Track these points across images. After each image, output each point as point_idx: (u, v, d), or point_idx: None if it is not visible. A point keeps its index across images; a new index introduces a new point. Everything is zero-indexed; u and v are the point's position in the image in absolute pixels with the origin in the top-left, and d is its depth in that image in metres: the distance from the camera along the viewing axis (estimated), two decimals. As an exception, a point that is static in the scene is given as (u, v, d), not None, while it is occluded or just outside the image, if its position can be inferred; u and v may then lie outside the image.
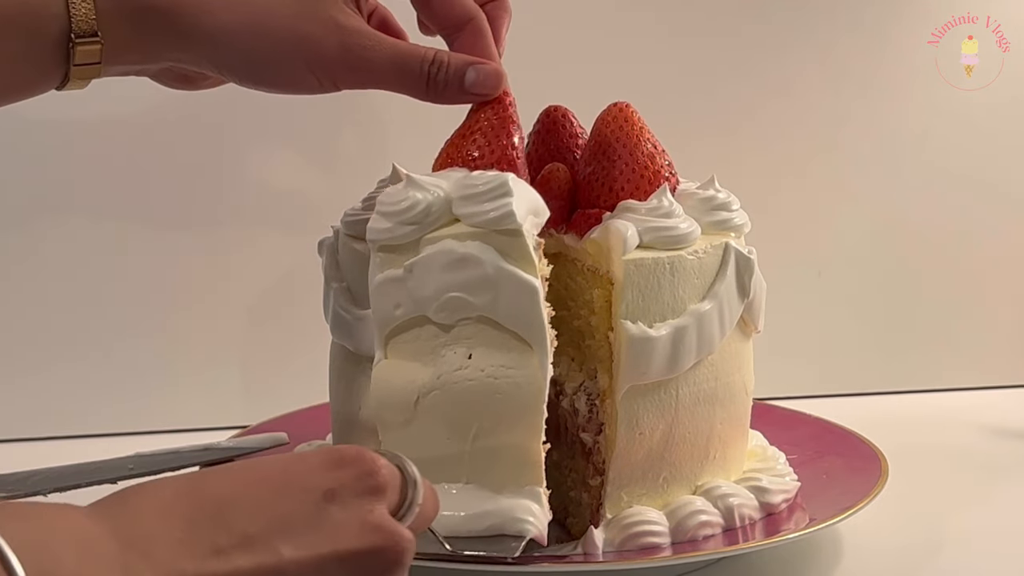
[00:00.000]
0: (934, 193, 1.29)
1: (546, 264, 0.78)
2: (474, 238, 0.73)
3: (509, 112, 0.81)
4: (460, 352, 0.74)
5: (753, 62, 1.25)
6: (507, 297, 0.73)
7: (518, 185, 0.75)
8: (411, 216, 0.75)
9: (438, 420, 0.74)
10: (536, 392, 0.73)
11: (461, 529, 0.72)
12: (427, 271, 0.74)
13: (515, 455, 0.74)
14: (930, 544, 0.88)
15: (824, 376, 1.28)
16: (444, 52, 0.81)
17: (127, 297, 1.18)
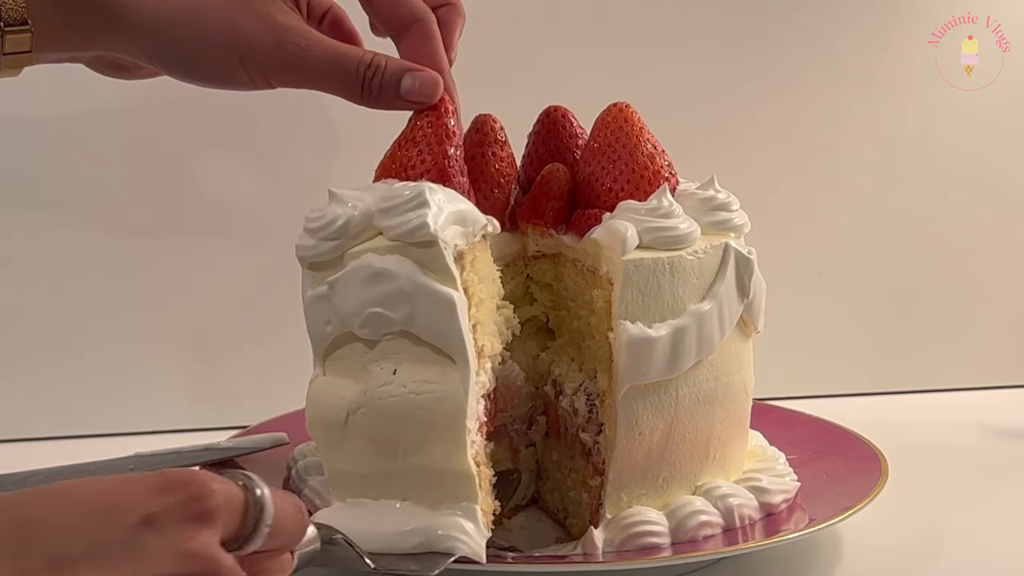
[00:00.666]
0: (934, 193, 1.29)
1: (498, 273, 0.78)
2: (393, 251, 0.72)
3: (443, 121, 0.79)
4: (386, 368, 0.73)
5: (753, 62, 1.25)
6: (424, 311, 0.72)
7: (440, 195, 0.74)
8: (331, 232, 0.74)
9: (367, 437, 0.74)
10: (457, 407, 0.72)
11: (392, 546, 0.71)
12: (348, 287, 0.74)
13: (444, 472, 0.72)
14: (930, 544, 0.88)
15: (824, 376, 1.28)
16: (383, 56, 0.80)
17: (127, 297, 1.18)
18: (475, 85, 1.18)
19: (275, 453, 0.97)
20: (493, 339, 0.79)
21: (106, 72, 0.85)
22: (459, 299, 0.72)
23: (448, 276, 0.72)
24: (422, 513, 0.72)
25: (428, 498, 0.73)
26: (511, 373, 0.85)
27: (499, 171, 0.89)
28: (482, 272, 0.78)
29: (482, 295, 0.77)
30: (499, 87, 1.18)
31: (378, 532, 0.71)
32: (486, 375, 0.77)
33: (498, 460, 0.91)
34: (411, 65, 0.80)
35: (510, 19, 1.21)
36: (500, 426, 0.91)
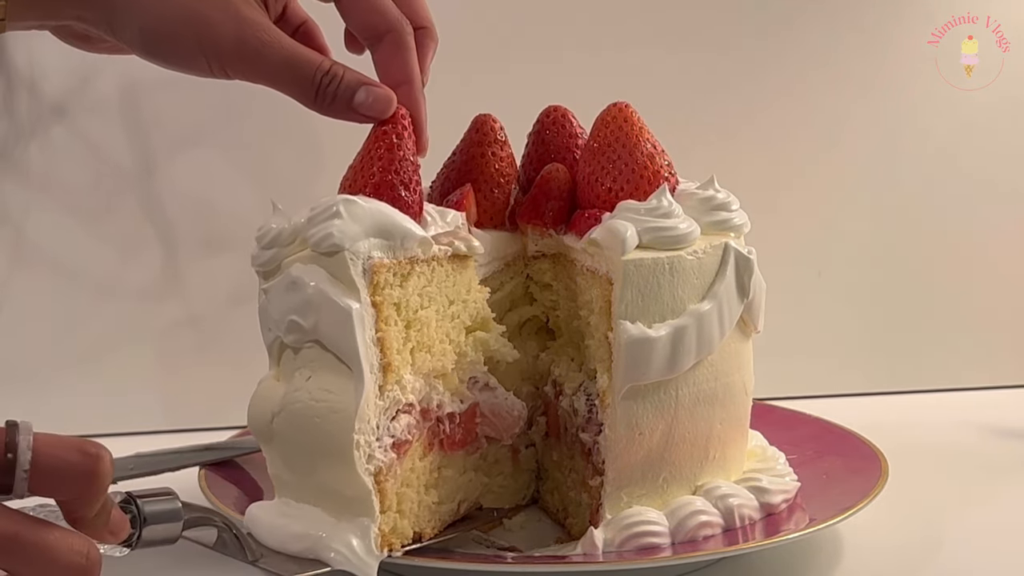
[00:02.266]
0: (934, 193, 1.29)
1: (480, 295, 0.79)
2: (312, 261, 0.74)
3: (390, 136, 0.79)
4: (303, 374, 0.74)
5: (753, 62, 1.25)
6: (326, 321, 0.73)
7: (364, 207, 0.74)
8: (267, 242, 0.77)
9: (282, 439, 0.75)
10: (346, 419, 0.72)
11: (283, 546, 0.73)
12: (275, 295, 0.76)
13: (338, 483, 0.73)
14: (930, 544, 0.88)
15: (824, 376, 1.28)
16: (342, 66, 0.81)
17: (127, 297, 1.18)
18: (475, 85, 1.19)
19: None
20: (441, 359, 0.78)
21: (71, 42, 0.86)
22: (357, 311, 0.72)
23: (352, 287, 0.72)
24: (323, 521, 0.73)
25: (333, 507, 0.74)
26: (500, 400, 0.84)
27: (499, 171, 0.89)
28: (430, 291, 0.77)
29: (425, 314, 0.77)
30: (499, 87, 1.18)
31: (280, 531, 0.74)
32: (403, 391, 0.75)
33: (498, 460, 0.91)
34: (368, 80, 0.80)
35: (510, 19, 1.21)
36: (500, 426, 0.91)
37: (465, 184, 0.88)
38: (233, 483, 0.92)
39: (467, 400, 0.81)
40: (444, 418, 0.79)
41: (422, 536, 0.78)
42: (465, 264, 0.80)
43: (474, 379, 0.82)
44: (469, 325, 0.81)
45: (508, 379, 0.91)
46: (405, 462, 0.76)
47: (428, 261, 0.77)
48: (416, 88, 0.82)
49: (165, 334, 1.19)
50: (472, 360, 0.81)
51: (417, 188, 0.79)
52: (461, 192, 0.87)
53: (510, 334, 0.91)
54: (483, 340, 0.82)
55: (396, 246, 0.75)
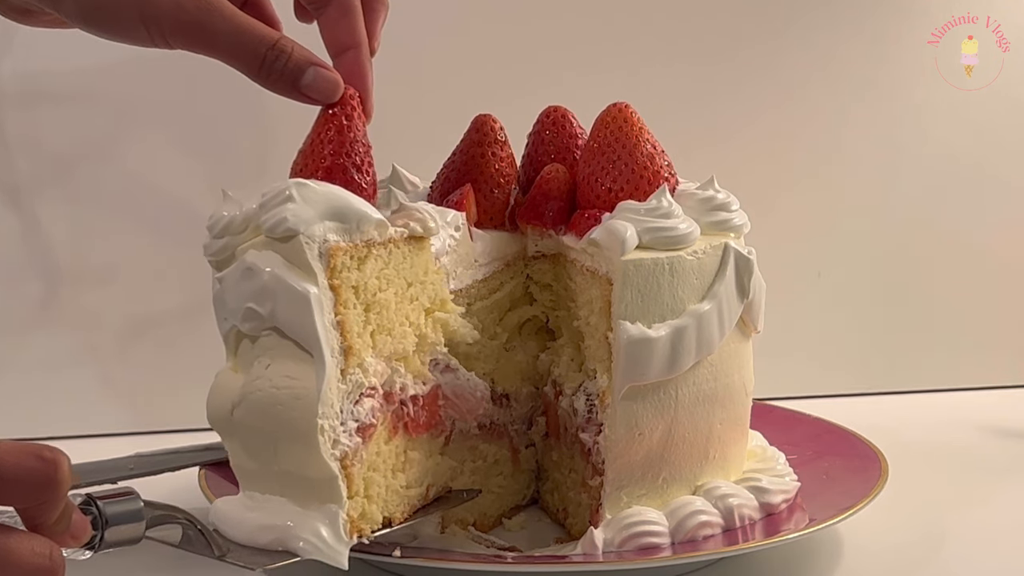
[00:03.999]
0: (934, 193, 1.29)
1: (440, 277, 0.78)
2: (267, 247, 0.73)
3: (339, 118, 0.78)
4: (262, 363, 0.73)
5: (753, 62, 1.25)
6: (283, 306, 0.71)
7: (317, 190, 0.73)
8: (218, 230, 0.76)
9: (244, 430, 0.74)
10: (310, 404, 0.70)
11: (250, 539, 0.72)
12: (231, 283, 0.75)
13: (304, 470, 0.72)
14: (930, 544, 0.88)
15: (824, 376, 1.28)
16: (291, 42, 0.78)
17: (127, 298, 1.18)
18: (475, 85, 1.19)
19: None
20: (402, 341, 0.77)
21: (11, 16, 0.84)
22: (316, 296, 0.70)
23: (308, 272, 0.71)
24: (290, 511, 0.72)
25: (300, 496, 0.72)
26: (462, 381, 0.84)
27: (499, 171, 0.89)
28: (388, 273, 0.76)
29: (384, 297, 0.76)
30: (499, 87, 1.18)
31: (247, 524, 0.72)
32: (365, 374, 0.74)
33: (499, 460, 0.91)
34: (318, 60, 0.78)
35: (511, 19, 1.21)
36: (500, 426, 0.91)
37: (465, 184, 0.88)
38: (233, 483, 0.92)
39: (429, 382, 0.81)
40: (408, 401, 0.78)
41: (392, 521, 0.77)
42: (422, 245, 0.79)
43: (435, 361, 0.81)
44: (428, 306, 0.80)
45: (508, 379, 0.91)
46: (371, 446, 0.75)
47: (385, 243, 0.76)
48: (363, 52, 0.80)
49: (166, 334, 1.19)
50: (433, 341, 0.80)
51: (370, 170, 0.78)
52: (461, 192, 0.87)
53: (510, 334, 0.91)
54: (443, 321, 0.81)
55: (352, 229, 0.74)
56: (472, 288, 0.87)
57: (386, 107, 1.19)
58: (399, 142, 1.16)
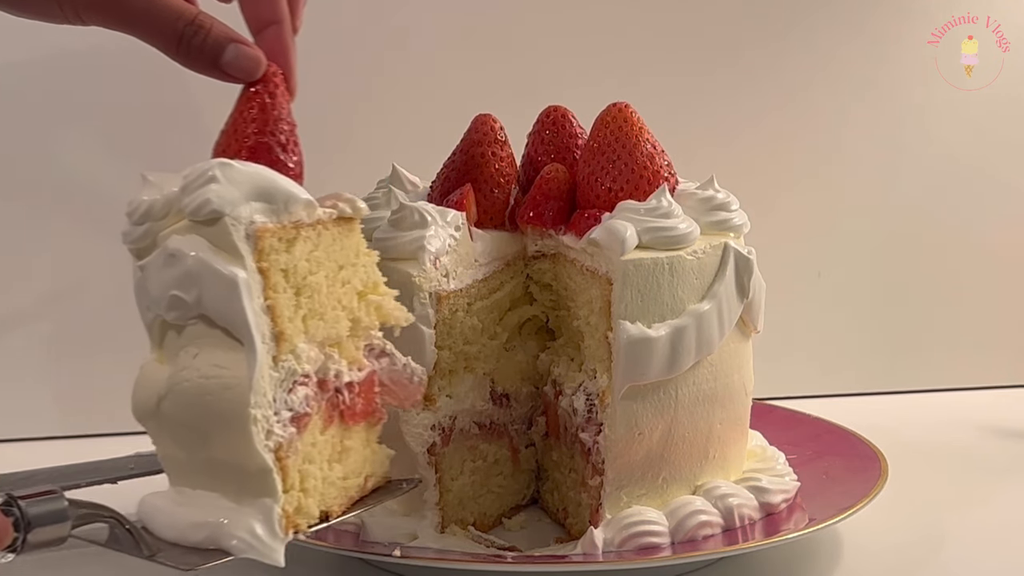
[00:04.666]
0: (934, 193, 1.29)
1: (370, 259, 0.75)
2: (190, 231, 0.69)
3: (262, 96, 0.75)
4: (190, 353, 0.70)
5: (752, 62, 1.25)
6: (210, 292, 0.68)
7: (241, 170, 0.70)
8: (139, 216, 0.71)
9: (172, 423, 0.70)
10: (242, 394, 0.67)
11: (182, 537, 0.68)
12: (153, 271, 0.71)
13: (237, 463, 0.68)
14: (929, 543, 0.88)
15: (824, 376, 1.28)
16: (209, 18, 0.74)
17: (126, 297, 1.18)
18: (475, 85, 1.19)
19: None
20: (335, 326, 0.74)
21: None
22: (244, 279, 0.67)
23: (235, 254, 0.68)
24: (222, 507, 0.69)
25: (232, 490, 0.69)
26: (399, 367, 0.79)
27: (499, 171, 0.89)
28: (318, 256, 0.73)
29: (315, 280, 0.73)
30: (499, 87, 1.18)
31: (178, 522, 0.69)
32: (298, 361, 0.71)
33: (499, 460, 0.91)
34: (238, 36, 0.75)
35: (511, 19, 1.21)
36: (500, 426, 0.91)
37: (465, 184, 0.88)
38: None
39: (365, 368, 0.77)
40: (343, 388, 0.75)
41: (329, 515, 0.74)
42: (351, 227, 0.76)
43: (370, 346, 0.78)
44: (361, 290, 0.77)
45: (508, 379, 0.91)
46: (306, 437, 0.72)
47: (313, 225, 0.73)
48: (285, 28, 0.78)
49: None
50: (367, 326, 0.77)
51: (296, 149, 0.75)
52: (461, 192, 0.87)
53: (510, 334, 0.91)
54: (377, 304, 0.78)
55: (279, 209, 0.71)
56: (472, 288, 0.87)
57: (386, 107, 1.19)
58: (399, 142, 1.16)
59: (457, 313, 0.86)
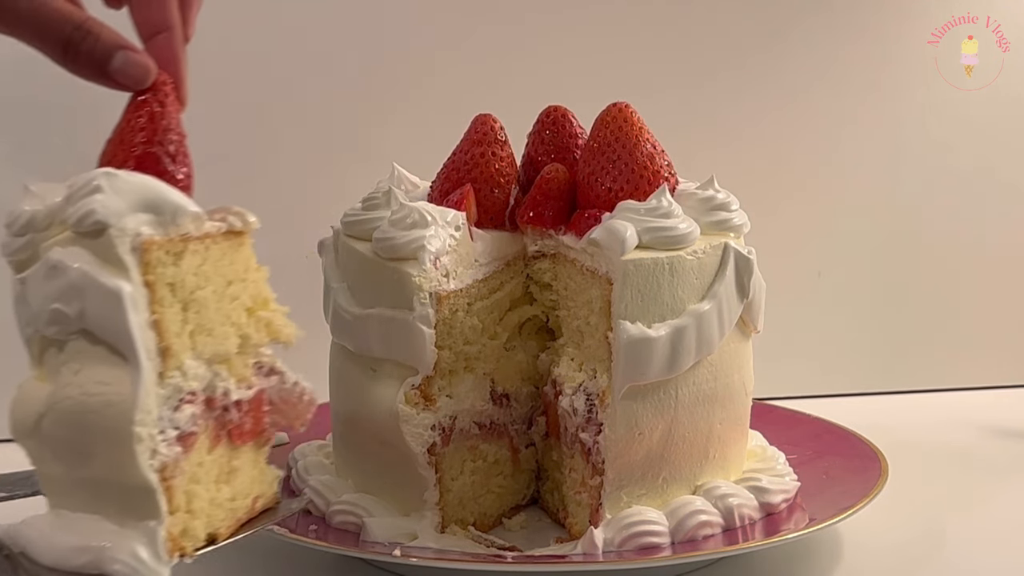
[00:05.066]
0: (934, 193, 1.29)
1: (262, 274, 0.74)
2: (74, 243, 0.67)
3: (151, 105, 0.72)
4: (72, 369, 0.67)
5: (753, 63, 1.25)
6: (93, 306, 0.65)
7: (127, 181, 0.67)
8: (18, 228, 0.69)
9: (53, 442, 0.68)
10: (125, 411, 0.65)
11: (63, 561, 0.66)
12: (34, 284, 0.68)
13: (121, 484, 0.66)
14: (930, 543, 0.88)
15: (824, 376, 1.28)
16: (98, 23, 0.72)
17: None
18: (475, 85, 1.19)
19: (275, 453, 0.96)
20: (223, 342, 0.73)
21: None
22: (128, 293, 0.65)
23: (120, 267, 0.65)
24: (105, 530, 0.66)
25: (115, 512, 0.67)
26: (288, 385, 0.77)
27: (499, 171, 0.89)
28: (206, 270, 0.71)
29: (203, 295, 0.71)
30: (499, 87, 1.18)
31: (58, 545, 0.66)
32: (185, 378, 0.69)
33: (499, 460, 0.91)
34: (128, 44, 0.72)
35: (511, 19, 1.21)
36: (500, 426, 0.91)
37: (465, 184, 0.88)
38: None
39: (254, 387, 0.75)
40: (231, 406, 0.73)
41: (216, 537, 0.72)
42: (242, 241, 0.74)
43: (260, 364, 0.76)
44: (250, 306, 0.75)
45: (508, 379, 0.91)
46: (192, 456, 0.69)
47: (202, 238, 0.71)
48: (176, 36, 0.75)
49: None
50: (256, 343, 0.75)
51: (185, 160, 0.72)
52: (461, 192, 0.87)
53: (510, 334, 0.91)
54: (267, 321, 0.76)
55: (167, 222, 0.68)
56: (472, 288, 0.87)
57: (386, 107, 1.19)
58: (399, 142, 1.16)
59: (457, 313, 0.86)
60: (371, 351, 0.85)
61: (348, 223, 0.89)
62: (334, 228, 0.91)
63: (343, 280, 0.88)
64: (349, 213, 0.90)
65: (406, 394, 0.83)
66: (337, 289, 0.88)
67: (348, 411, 0.88)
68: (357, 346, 0.86)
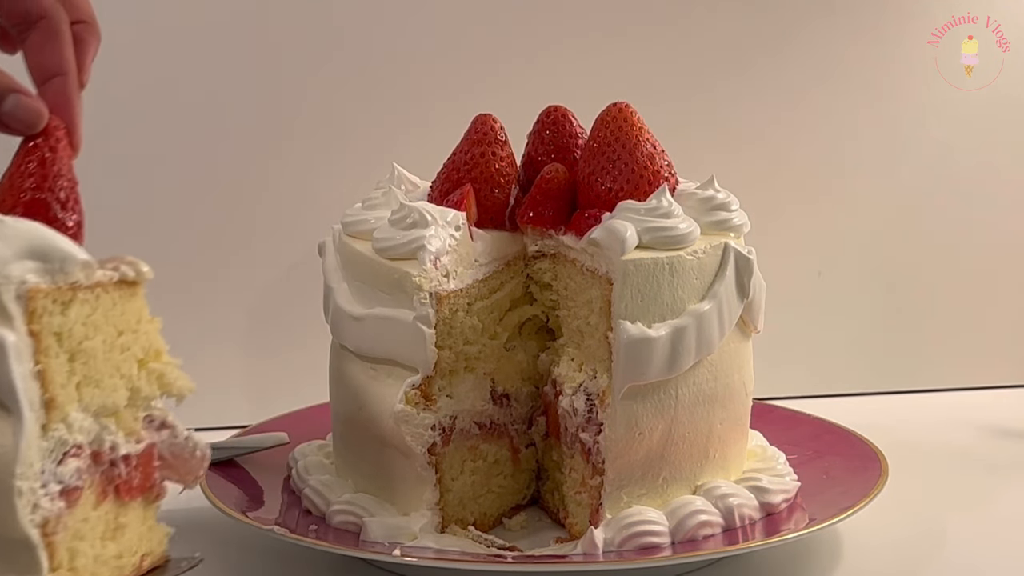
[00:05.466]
0: (934, 193, 1.29)
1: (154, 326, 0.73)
2: None
3: (41, 150, 0.71)
4: None
5: (753, 62, 1.24)
6: None
7: (10, 227, 0.66)
8: None
9: None
10: (6, 464, 0.63)
11: None
12: None
13: (4, 538, 0.64)
14: (930, 543, 0.88)
15: (824, 376, 1.28)
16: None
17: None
18: (475, 85, 1.19)
19: (275, 453, 0.97)
20: (112, 395, 0.71)
21: None
22: (12, 342, 0.63)
23: (4, 316, 0.64)
24: None
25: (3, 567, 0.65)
26: (180, 440, 0.75)
27: (499, 171, 0.89)
28: (95, 320, 0.69)
29: (91, 345, 0.69)
30: (499, 87, 1.18)
31: None
32: (70, 431, 0.67)
33: (499, 460, 0.91)
34: (19, 87, 0.71)
35: (511, 19, 1.21)
36: (500, 426, 0.91)
37: (465, 184, 0.88)
38: (233, 483, 0.92)
39: (143, 441, 0.73)
40: (119, 461, 0.71)
41: None
42: (134, 291, 0.73)
43: (150, 417, 0.74)
44: (142, 357, 0.74)
45: (508, 379, 0.91)
46: (77, 512, 0.67)
47: (92, 287, 0.69)
48: (71, 80, 0.74)
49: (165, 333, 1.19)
50: (147, 396, 0.74)
51: (76, 207, 0.71)
52: (461, 192, 0.87)
53: (510, 334, 0.91)
54: (158, 373, 0.74)
55: (55, 270, 0.66)
56: (472, 288, 0.87)
57: (386, 107, 1.19)
58: (399, 142, 1.16)
59: (457, 313, 0.86)
60: (371, 351, 0.85)
61: (348, 223, 0.89)
62: (334, 229, 0.91)
63: (343, 280, 0.88)
64: (349, 213, 0.90)
65: (406, 394, 0.83)
66: (337, 289, 0.88)
67: (348, 411, 0.88)
68: (357, 346, 0.86)
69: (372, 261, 0.85)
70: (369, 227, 0.87)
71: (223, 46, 1.16)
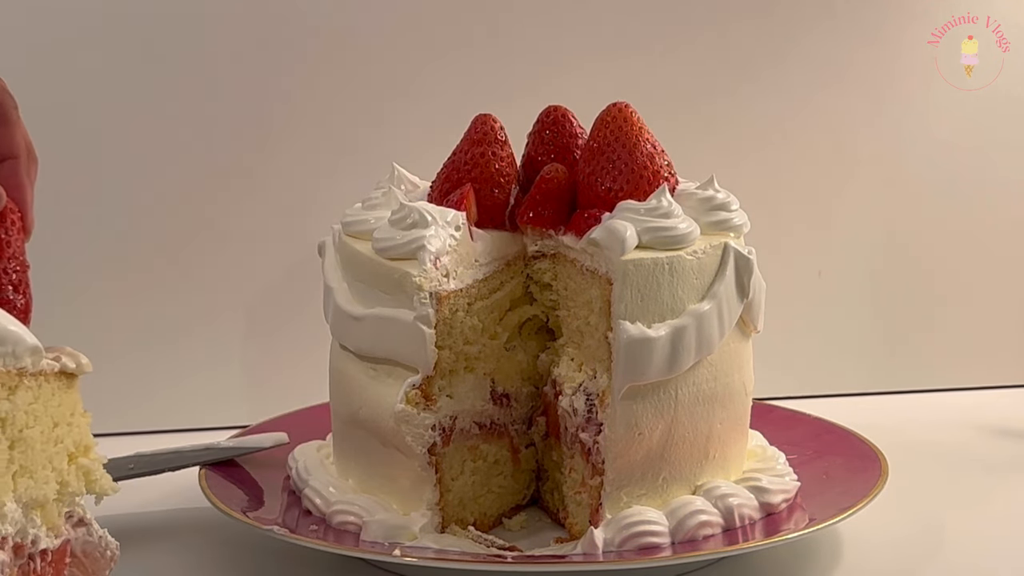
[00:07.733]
0: (934, 193, 1.29)
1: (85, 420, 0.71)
2: None
3: None
4: None
5: (752, 62, 1.24)
6: None
7: None
8: None
9: None
10: None
11: None
12: None
13: None
14: (930, 543, 0.88)
15: (824, 376, 1.28)
16: None
17: (126, 296, 1.18)
18: (475, 85, 1.19)
19: (275, 453, 0.97)
20: (43, 487, 0.68)
21: None
22: None
23: None
24: None
25: None
26: (94, 539, 0.73)
27: (499, 171, 0.89)
28: (36, 409, 0.68)
29: (31, 434, 0.67)
30: (499, 87, 1.18)
31: None
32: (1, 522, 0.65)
33: (499, 460, 0.91)
34: None
35: (511, 19, 1.21)
36: (500, 426, 0.91)
37: (465, 184, 0.88)
38: (233, 483, 0.92)
39: (61, 536, 0.71)
40: (36, 556, 0.68)
41: None
42: (71, 383, 0.71)
43: (70, 513, 0.72)
44: (72, 452, 0.72)
45: (508, 379, 0.91)
46: None
47: (36, 375, 0.67)
48: (21, 164, 0.73)
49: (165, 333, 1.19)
50: (73, 491, 0.71)
51: (26, 291, 0.71)
52: (461, 192, 0.87)
53: (510, 334, 0.91)
54: (86, 469, 0.72)
55: (6, 353, 0.65)
56: (472, 288, 0.87)
57: (386, 107, 1.19)
58: (399, 142, 1.16)
59: (457, 313, 0.86)
60: (371, 351, 0.85)
61: (348, 223, 0.89)
62: (334, 229, 0.91)
63: (343, 280, 0.88)
64: (349, 213, 0.90)
65: (406, 394, 0.83)
66: (337, 289, 0.88)
67: (348, 411, 0.88)
68: (357, 346, 0.86)
69: (372, 261, 0.85)
70: (369, 227, 0.87)
71: (223, 46, 1.16)
